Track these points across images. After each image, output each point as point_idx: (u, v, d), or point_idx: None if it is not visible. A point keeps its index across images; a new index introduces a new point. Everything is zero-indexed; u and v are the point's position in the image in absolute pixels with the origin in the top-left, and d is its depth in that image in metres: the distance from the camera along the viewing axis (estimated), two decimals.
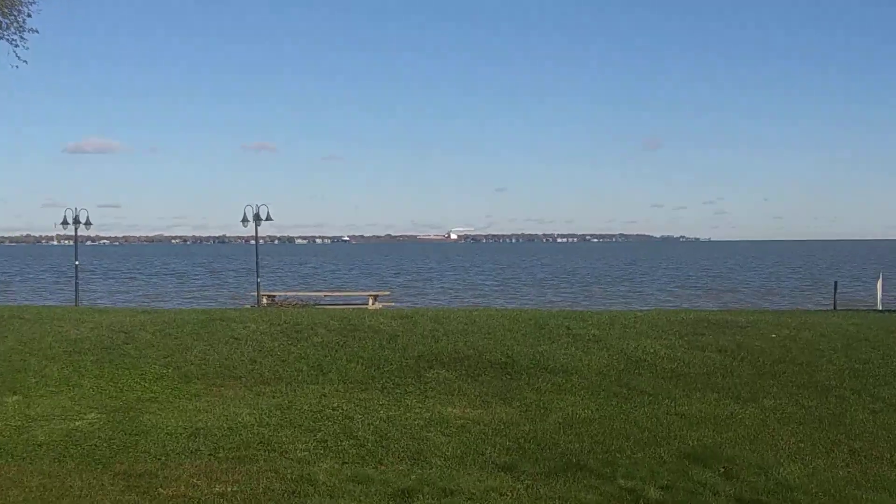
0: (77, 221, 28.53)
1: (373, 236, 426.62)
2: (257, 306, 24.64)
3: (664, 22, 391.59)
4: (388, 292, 31.97)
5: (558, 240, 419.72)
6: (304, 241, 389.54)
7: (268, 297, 27.61)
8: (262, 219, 27.36)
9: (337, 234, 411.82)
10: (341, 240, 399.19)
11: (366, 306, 24.60)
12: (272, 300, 27.44)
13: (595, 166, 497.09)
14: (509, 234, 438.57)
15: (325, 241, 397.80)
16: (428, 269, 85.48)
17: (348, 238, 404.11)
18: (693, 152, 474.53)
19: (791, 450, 8.69)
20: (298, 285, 54.16)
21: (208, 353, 13.65)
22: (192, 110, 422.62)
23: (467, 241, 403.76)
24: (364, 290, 39.07)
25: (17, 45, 14.98)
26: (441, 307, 26.27)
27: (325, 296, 31.42)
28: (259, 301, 26.42)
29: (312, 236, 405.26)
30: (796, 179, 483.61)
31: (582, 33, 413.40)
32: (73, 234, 29.13)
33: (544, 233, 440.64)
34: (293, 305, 24.86)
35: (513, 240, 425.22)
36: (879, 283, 27.85)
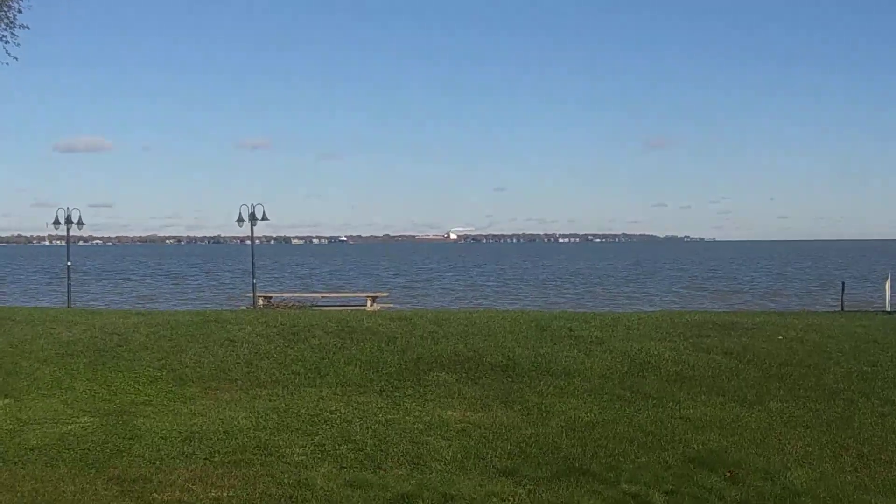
0: (69, 221, 28.53)
1: (371, 236, 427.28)
2: (253, 308, 24.64)
3: (668, 19, 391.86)
4: (387, 293, 31.99)
5: (560, 240, 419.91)
6: (301, 242, 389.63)
7: (264, 299, 27.62)
8: (258, 218, 27.36)
9: (334, 234, 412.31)
10: (338, 240, 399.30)
11: (364, 308, 24.61)
12: (268, 301, 27.46)
13: (597, 165, 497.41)
14: (510, 234, 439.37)
15: (321, 241, 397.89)
16: (427, 269, 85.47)
17: (345, 238, 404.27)
18: (697, 151, 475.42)
19: (798, 454, 8.69)
20: (295, 286, 54.15)
21: (203, 355, 13.66)
22: (185, 107, 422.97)
23: (467, 242, 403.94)
24: (362, 292, 39.07)
25: (6, 42, 14.99)
26: (441, 308, 26.28)
27: (323, 297, 31.43)
28: (255, 302, 26.42)
29: (309, 236, 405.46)
30: (803, 178, 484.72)
31: (584, 31, 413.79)
32: (65, 234, 29.12)
33: (546, 233, 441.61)
34: (290, 307, 24.87)
35: (514, 240, 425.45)
36: (888, 283, 27.81)
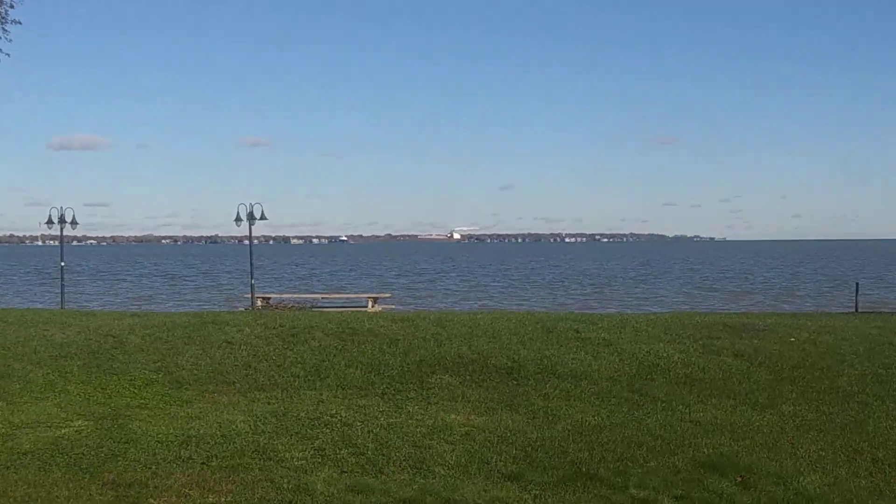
0: (63, 221, 28.56)
1: (372, 236, 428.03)
2: (252, 309, 24.66)
3: (677, 15, 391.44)
4: (389, 294, 32.01)
5: (566, 240, 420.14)
6: (301, 241, 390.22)
7: (262, 300, 27.64)
8: (257, 218, 27.38)
9: (334, 234, 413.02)
10: (339, 240, 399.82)
11: (365, 309, 24.61)
12: (267, 303, 27.47)
13: (605, 163, 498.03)
14: (515, 233, 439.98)
15: (322, 241, 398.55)
16: (430, 270, 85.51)
17: (346, 238, 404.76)
18: (708, 148, 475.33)
19: (811, 458, 8.68)
20: (294, 287, 54.21)
21: (201, 357, 13.67)
22: (183, 105, 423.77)
23: (471, 241, 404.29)
24: (363, 292, 39.09)
25: None
26: (444, 310, 26.28)
27: (323, 298, 31.44)
28: (253, 303, 26.45)
29: (309, 236, 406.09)
30: (816, 176, 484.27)
31: (590, 28, 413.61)
32: (59, 234, 29.15)
33: (552, 232, 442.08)
34: (289, 308, 24.88)
35: (519, 239, 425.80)
36: None
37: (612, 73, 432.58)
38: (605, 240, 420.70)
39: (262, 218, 27.53)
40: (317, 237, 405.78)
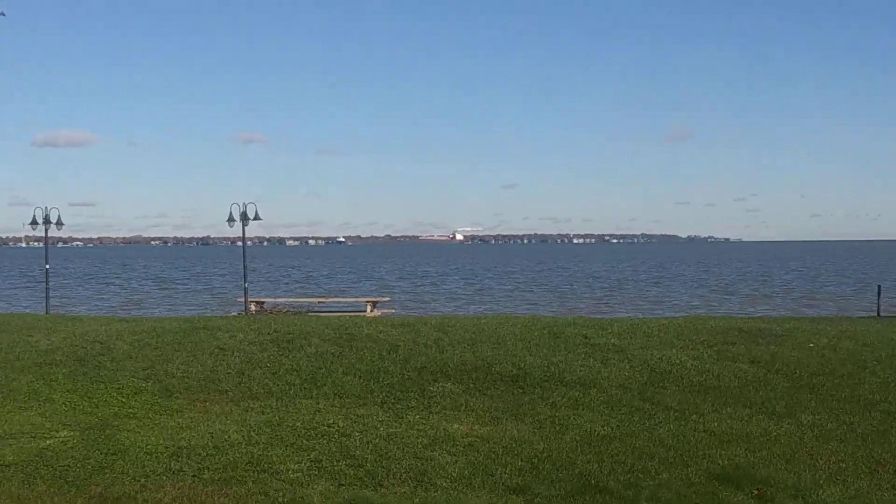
0: (48, 221, 28.60)
1: (371, 237, 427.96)
2: (245, 314, 24.69)
3: (690, 6, 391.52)
4: (388, 298, 31.98)
5: (575, 240, 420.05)
6: (296, 243, 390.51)
7: (256, 304, 27.65)
8: (250, 218, 27.39)
9: (332, 235, 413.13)
10: (336, 241, 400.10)
11: (364, 313, 24.63)
12: (261, 307, 27.49)
13: (615, 159, 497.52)
14: (521, 234, 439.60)
15: (318, 242, 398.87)
16: (432, 273, 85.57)
17: (344, 239, 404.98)
18: (723, 144, 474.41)
19: (831, 470, 8.68)
20: (290, 291, 54.26)
21: (192, 364, 13.69)
22: (174, 100, 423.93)
23: (474, 243, 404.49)
24: (362, 296, 39.07)
25: None
26: (446, 314, 26.30)
27: (319, 302, 31.44)
28: (247, 308, 26.47)
29: (305, 237, 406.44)
30: (836, 174, 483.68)
31: (599, 19, 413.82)
32: (44, 235, 29.20)
33: (559, 233, 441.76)
34: (284, 313, 24.89)
35: (525, 240, 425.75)
36: None
37: (621, 65, 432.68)
38: (615, 240, 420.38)
39: (257, 218, 27.54)
40: (314, 238, 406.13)
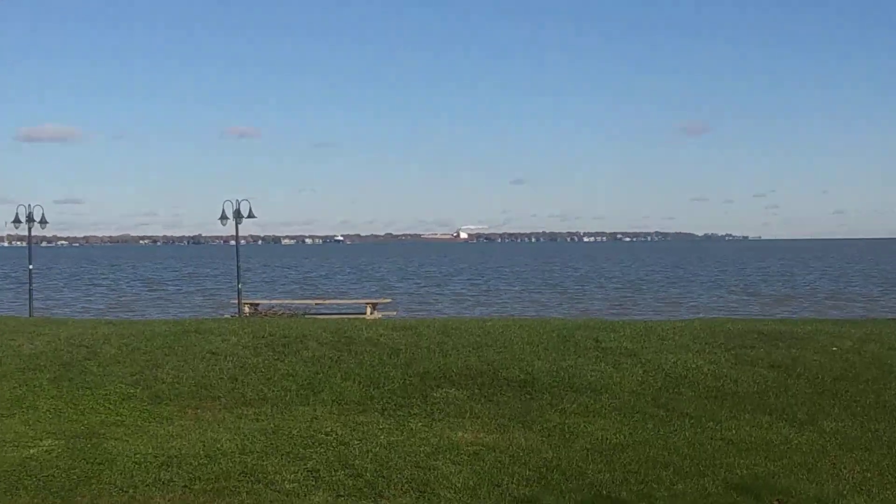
0: (31, 220, 28.62)
1: (371, 235, 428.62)
2: (238, 316, 24.71)
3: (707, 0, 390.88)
4: (389, 300, 31.98)
5: (585, 239, 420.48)
6: (292, 242, 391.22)
7: (250, 306, 27.68)
8: (244, 216, 27.38)
9: (329, 233, 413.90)
10: (334, 239, 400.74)
11: (363, 316, 24.64)
12: (255, 309, 27.51)
13: (627, 154, 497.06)
14: (528, 232, 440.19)
15: (315, 240, 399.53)
16: (435, 272, 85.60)
17: (342, 237, 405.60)
18: (741, 138, 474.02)
19: (855, 480, 8.67)
20: (286, 292, 54.30)
21: (182, 370, 13.69)
22: (163, 93, 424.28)
23: (480, 241, 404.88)
24: (361, 298, 39.08)
25: None
26: (450, 317, 26.29)
27: (317, 304, 31.46)
28: (240, 310, 26.49)
29: (301, 235, 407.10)
30: (860, 169, 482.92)
31: (611, 11, 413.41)
32: (27, 234, 29.24)
33: (569, 231, 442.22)
34: (280, 315, 24.92)
35: (533, 239, 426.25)
36: None
37: (634, 56, 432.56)
38: (628, 239, 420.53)
39: (250, 216, 27.52)
40: (310, 237, 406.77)
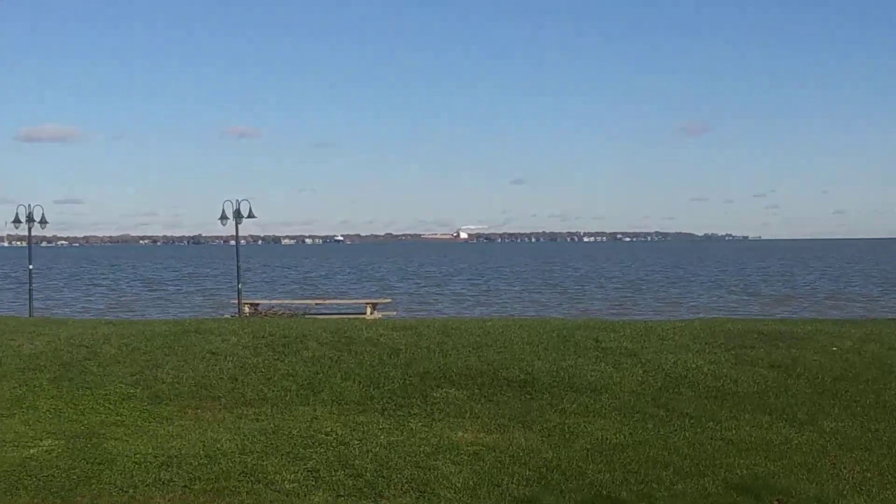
0: (31, 220, 28.63)
1: (371, 235, 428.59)
2: (238, 316, 24.73)
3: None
4: (389, 300, 32.00)
5: (585, 239, 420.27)
6: (293, 242, 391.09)
7: (250, 306, 27.69)
8: (244, 216, 27.40)
9: (329, 233, 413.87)
10: (334, 239, 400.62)
11: (363, 316, 24.66)
12: (255, 309, 27.53)
13: (627, 154, 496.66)
14: (528, 232, 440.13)
15: (315, 240, 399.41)
16: (436, 272, 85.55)
17: (342, 237, 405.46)
18: (741, 138, 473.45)
19: (855, 480, 8.69)
20: (286, 292, 54.30)
21: (182, 370, 13.71)
22: (163, 91, 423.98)
23: (480, 241, 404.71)
24: (361, 298, 39.08)
25: None
26: (450, 317, 26.31)
27: (317, 304, 31.47)
28: (240, 310, 26.50)
29: (301, 235, 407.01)
30: (860, 168, 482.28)
31: (610, 10, 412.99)
32: (27, 234, 29.25)
33: (569, 231, 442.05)
34: (280, 315, 24.94)
35: (532, 239, 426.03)
36: None
37: (633, 56, 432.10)
38: (628, 239, 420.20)
39: (250, 216, 27.53)
40: (310, 237, 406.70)
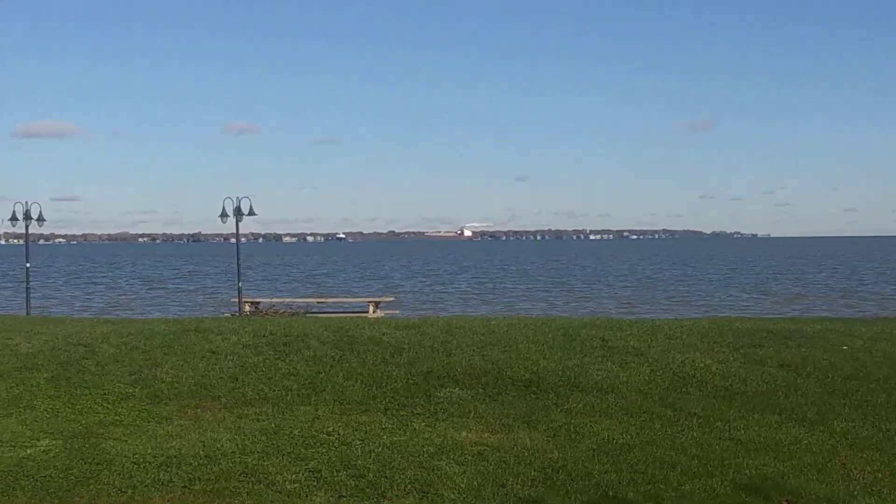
0: (28, 217, 28.69)
1: (373, 233, 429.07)
2: (239, 315, 24.75)
3: None
4: (392, 298, 32.02)
5: (591, 237, 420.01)
6: (294, 239, 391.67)
7: (251, 305, 27.73)
8: (245, 213, 27.44)
9: (331, 231, 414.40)
10: (336, 237, 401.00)
11: (366, 314, 24.68)
12: (256, 308, 27.56)
13: (634, 151, 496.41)
14: (534, 230, 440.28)
15: (317, 238, 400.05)
16: (439, 271, 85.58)
17: (344, 235, 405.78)
18: (749, 134, 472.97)
19: (866, 480, 8.68)
20: (287, 290, 54.34)
21: (182, 369, 13.72)
22: (162, 88, 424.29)
23: (484, 239, 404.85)
24: (363, 296, 39.12)
25: None
26: (453, 315, 26.31)
27: (318, 302, 31.51)
28: (241, 309, 26.53)
29: (303, 233, 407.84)
30: (872, 165, 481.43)
31: (616, 4, 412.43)
32: (24, 231, 29.29)
33: (575, 228, 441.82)
34: (281, 314, 24.96)
35: (538, 236, 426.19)
36: None
37: (639, 53, 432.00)
38: (635, 237, 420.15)
39: (251, 213, 27.58)
40: (311, 234, 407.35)
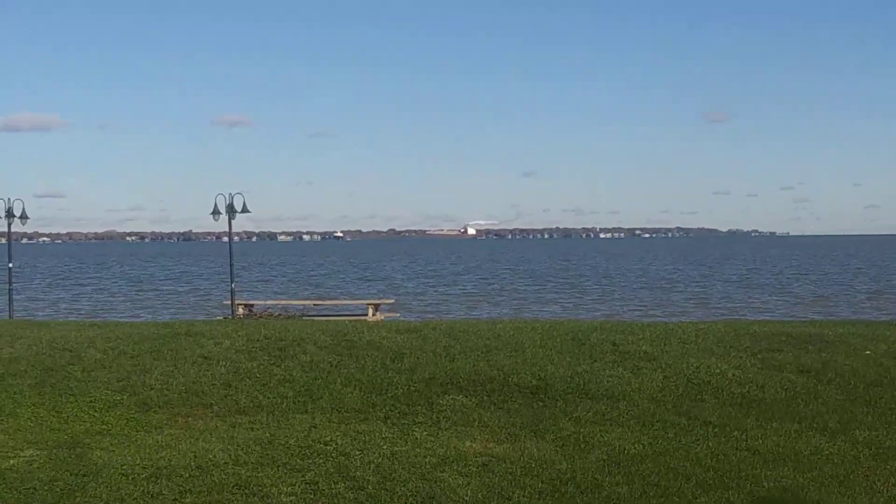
0: (10, 215, 28.71)
1: (372, 231, 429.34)
2: (232, 318, 24.77)
3: None
4: (392, 300, 32.06)
5: (601, 235, 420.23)
6: (289, 238, 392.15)
7: (244, 307, 27.74)
8: (237, 210, 27.43)
9: (328, 229, 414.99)
10: (333, 236, 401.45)
11: (365, 317, 24.69)
12: (250, 310, 27.58)
13: (645, 145, 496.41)
14: (541, 228, 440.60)
15: (313, 237, 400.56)
16: (442, 271, 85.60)
17: (342, 234, 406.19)
18: (766, 126, 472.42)
19: (890, 493, 8.66)
20: (282, 292, 54.37)
21: (172, 375, 13.72)
22: (149, 78, 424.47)
23: (489, 237, 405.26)
24: (362, 298, 39.13)
25: None
26: (457, 318, 26.33)
27: (315, 305, 31.55)
28: (234, 312, 26.55)
29: (298, 231, 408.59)
30: (895, 160, 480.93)
31: None
32: (7, 230, 29.32)
33: (584, 226, 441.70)
34: (276, 317, 24.98)
35: (545, 235, 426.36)
36: None
37: (651, 40, 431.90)
38: (647, 235, 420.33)
39: (244, 211, 27.57)
40: (308, 233, 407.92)
